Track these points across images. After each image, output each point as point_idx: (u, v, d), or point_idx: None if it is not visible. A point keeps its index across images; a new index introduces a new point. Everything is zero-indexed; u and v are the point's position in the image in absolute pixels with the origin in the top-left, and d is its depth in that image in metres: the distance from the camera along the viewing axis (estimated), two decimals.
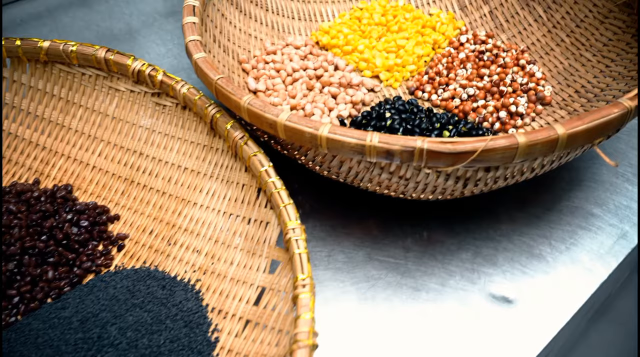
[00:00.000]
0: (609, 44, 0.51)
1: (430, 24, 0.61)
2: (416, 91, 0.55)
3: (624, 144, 0.51)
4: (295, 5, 0.61)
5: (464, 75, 0.55)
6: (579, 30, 0.54)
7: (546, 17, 0.58)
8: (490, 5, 0.62)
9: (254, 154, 0.38)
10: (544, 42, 0.57)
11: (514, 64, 0.55)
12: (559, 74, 0.54)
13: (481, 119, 0.51)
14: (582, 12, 0.54)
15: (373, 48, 0.58)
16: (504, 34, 0.60)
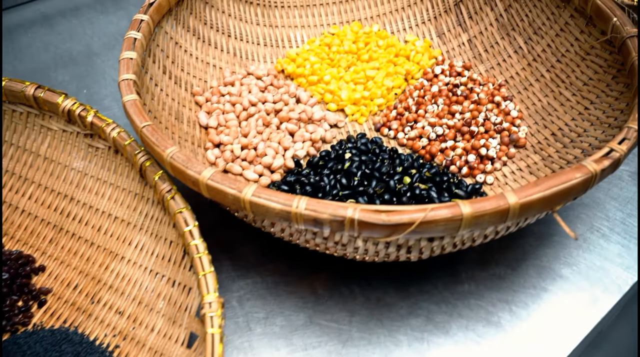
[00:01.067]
0: (589, 84, 0.47)
1: (404, 52, 0.57)
2: (382, 128, 0.51)
3: (603, 193, 0.47)
4: (262, 31, 0.58)
5: (434, 111, 0.51)
6: (559, 66, 0.50)
7: (527, 49, 0.54)
8: (469, 33, 0.58)
9: (180, 210, 0.35)
10: (523, 76, 0.53)
11: (488, 101, 0.51)
12: (537, 112, 0.50)
13: (448, 162, 0.47)
14: (564, 46, 0.50)
15: (340, 78, 0.55)
16: (482, 65, 0.56)
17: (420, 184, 0.44)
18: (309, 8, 0.60)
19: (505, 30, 0.56)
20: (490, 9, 0.57)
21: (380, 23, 0.61)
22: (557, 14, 0.51)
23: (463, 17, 0.59)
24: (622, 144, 0.34)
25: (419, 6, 0.60)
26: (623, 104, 0.42)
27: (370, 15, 0.61)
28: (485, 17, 0.57)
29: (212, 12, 0.54)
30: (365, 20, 0.61)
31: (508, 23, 0.56)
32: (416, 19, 0.60)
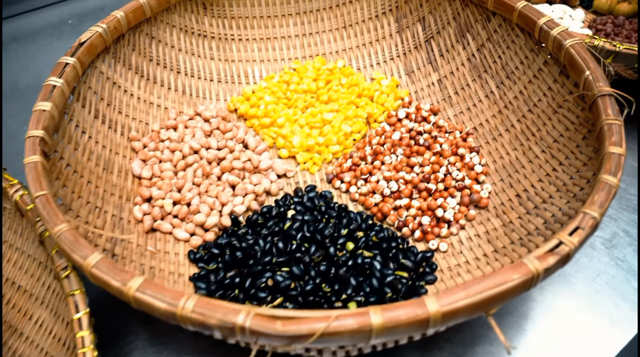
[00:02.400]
0: (559, 141, 0.42)
1: (368, 93, 0.53)
2: (334, 180, 0.47)
3: (569, 265, 0.42)
4: (216, 66, 0.54)
5: (392, 163, 0.47)
6: (530, 117, 0.46)
7: (498, 94, 0.49)
8: (439, 72, 0.54)
9: (71, 293, 0.31)
10: (493, 124, 0.49)
11: (452, 153, 0.47)
12: (504, 167, 0.45)
13: (401, 224, 0.43)
14: (536, 95, 0.46)
15: (295, 121, 0.51)
16: (451, 109, 0.52)
17: (364, 251, 0.40)
18: (269, 41, 0.56)
19: (477, 71, 0.51)
20: (462, 48, 0.52)
21: (346, 58, 0.56)
22: (530, 59, 0.46)
23: (434, 55, 0.54)
24: (573, 235, 0.29)
25: (387, 41, 0.56)
26: (590, 173, 0.37)
27: (335, 49, 0.57)
28: (457, 56, 0.53)
29: (158, 48, 0.51)
30: (330, 54, 0.56)
31: (480, 64, 0.51)
32: (384, 54, 0.56)
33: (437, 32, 0.54)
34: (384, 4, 0.55)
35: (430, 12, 0.54)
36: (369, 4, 0.56)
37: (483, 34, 0.51)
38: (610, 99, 0.37)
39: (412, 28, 0.55)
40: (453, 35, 0.53)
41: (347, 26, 0.56)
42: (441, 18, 0.53)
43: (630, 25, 0.62)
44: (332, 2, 0.56)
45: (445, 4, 0.53)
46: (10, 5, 0.70)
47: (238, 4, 0.54)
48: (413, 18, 0.55)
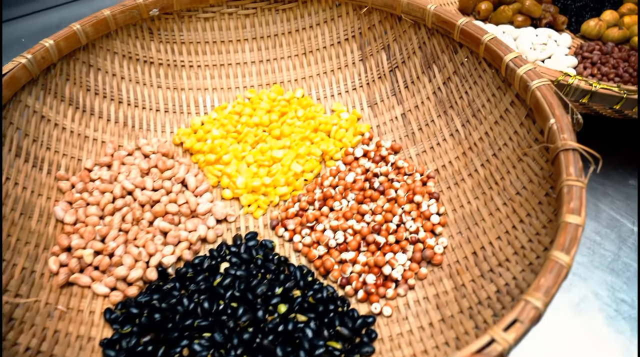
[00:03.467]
0: (522, 194, 0.38)
1: (325, 127, 0.49)
2: (277, 227, 0.43)
3: None
4: (163, 94, 0.50)
5: (342, 209, 0.43)
6: (495, 162, 0.41)
7: (464, 133, 0.45)
8: (404, 106, 0.49)
9: None
10: (456, 167, 0.44)
11: (407, 200, 0.42)
12: (463, 218, 0.41)
13: (344, 281, 0.39)
14: (502, 138, 0.41)
15: (243, 159, 0.47)
16: (414, 147, 0.48)
17: (298, 315, 0.36)
18: (222, 68, 0.52)
19: (443, 107, 0.47)
20: (428, 80, 0.48)
21: (306, 87, 0.52)
22: (497, 97, 0.42)
23: (399, 86, 0.50)
24: (510, 330, 0.25)
25: (350, 70, 0.52)
26: (547, 239, 0.33)
27: (294, 77, 0.53)
28: (422, 89, 0.49)
29: (97, 76, 0.47)
30: (289, 83, 0.52)
31: (446, 99, 0.47)
32: (347, 84, 0.52)
33: (402, 62, 0.50)
34: (347, 29, 0.51)
35: (395, 40, 0.50)
36: (331, 29, 0.52)
37: (450, 66, 0.46)
38: (575, 154, 0.33)
39: (376, 56, 0.51)
40: (419, 66, 0.49)
41: (308, 52, 0.52)
42: (406, 47, 0.49)
43: (620, 53, 0.57)
44: (291, 27, 0.52)
45: (410, 32, 0.48)
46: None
47: (189, 28, 0.50)
48: (377, 46, 0.51)
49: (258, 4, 0.51)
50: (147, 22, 0.48)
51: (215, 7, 0.50)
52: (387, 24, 0.49)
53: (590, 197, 0.46)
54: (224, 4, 0.50)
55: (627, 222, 0.44)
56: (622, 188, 0.47)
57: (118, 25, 0.46)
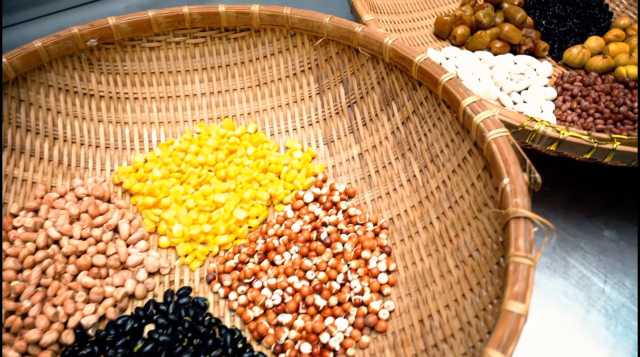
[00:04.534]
0: (474, 257, 0.34)
1: (276, 168, 0.45)
2: (213, 282, 0.40)
3: None
4: (104, 129, 0.47)
5: (284, 263, 0.39)
6: (451, 216, 0.38)
7: (422, 180, 0.41)
8: (361, 145, 0.46)
9: None
10: (412, 218, 0.41)
11: (355, 255, 0.39)
12: (414, 279, 0.38)
13: (278, 348, 0.35)
14: (459, 190, 0.38)
15: (183, 203, 0.43)
16: (369, 191, 0.44)
17: None
18: (170, 100, 0.48)
19: (401, 149, 0.43)
20: (386, 119, 0.45)
21: (259, 121, 0.49)
22: (456, 143, 0.38)
23: (357, 123, 0.46)
24: None
25: (307, 103, 0.48)
26: (492, 321, 0.29)
27: (247, 110, 0.49)
28: (380, 128, 0.45)
29: (30, 112, 0.44)
30: (242, 116, 0.49)
31: (405, 140, 0.43)
32: (302, 119, 0.48)
33: (360, 97, 0.46)
34: (303, 61, 0.48)
35: (353, 74, 0.46)
36: (286, 60, 0.48)
37: (409, 105, 0.43)
38: (527, 223, 0.29)
39: (333, 90, 0.47)
40: (377, 103, 0.45)
41: (262, 84, 0.49)
42: (365, 82, 0.45)
43: (603, 85, 0.53)
44: (244, 57, 0.48)
45: (368, 66, 0.45)
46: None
47: (133, 58, 0.47)
48: (335, 79, 0.47)
49: (207, 33, 0.47)
50: (86, 53, 0.45)
51: (161, 36, 0.46)
52: (345, 56, 0.46)
53: (560, 250, 0.42)
54: (170, 33, 0.46)
55: (597, 280, 0.40)
56: (595, 240, 0.43)
57: (52, 57, 0.43)
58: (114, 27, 0.44)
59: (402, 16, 0.60)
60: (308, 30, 0.45)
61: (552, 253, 0.42)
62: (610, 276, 0.41)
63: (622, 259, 0.42)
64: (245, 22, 0.46)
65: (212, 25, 0.46)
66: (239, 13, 0.45)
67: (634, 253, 0.42)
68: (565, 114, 0.52)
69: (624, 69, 0.55)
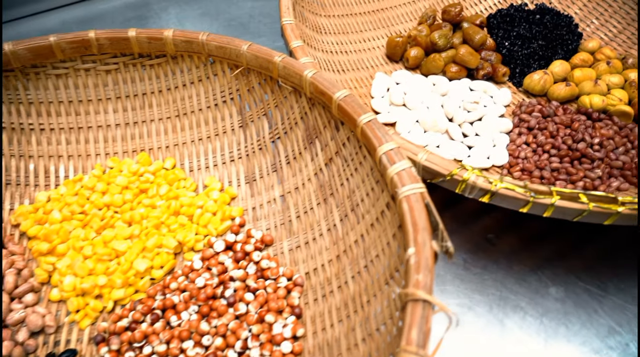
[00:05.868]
0: (381, 332, 0.30)
1: (188, 210, 0.41)
2: (101, 344, 0.35)
3: None
4: (5, 162, 0.43)
5: (181, 324, 0.35)
6: (366, 278, 0.33)
7: (342, 231, 0.37)
8: (284, 186, 0.41)
9: None
10: (329, 274, 0.36)
11: (258, 318, 0.34)
12: (321, 347, 0.33)
13: None
14: (376, 248, 0.33)
15: (81, 249, 0.39)
16: (288, 239, 0.40)
17: None
18: (81, 131, 0.44)
19: (324, 193, 0.39)
20: (310, 158, 0.40)
21: (178, 156, 0.44)
22: (376, 194, 0.34)
23: (280, 161, 0.42)
24: None
25: (229, 137, 0.44)
26: None
27: (165, 143, 0.45)
28: (304, 168, 0.41)
29: None
30: (159, 150, 0.45)
31: (327, 184, 0.39)
32: (224, 154, 0.44)
33: (284, 133, 0.42)
34: (224, 90, 0.43)
35: (276, 107, 0.42)
36: (207, 89, 0.44)
37: (332, 145, 0.38)
38: (425, 309, 0.25)
39: (257, 123, 0.43)
40: (301, 140, 0.41)
41: (181, 115, 0.45)
42: (288, 116, 0.41)
43: (563, 116, 0.48)
44: (161, 85, 0.44)
45: (292, 99, 0.40)
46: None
47: (37, 86, 0.42)
48: (258, 111, 0.43)
49: (120, 59, 0.43)
50: None
51: (68, 62, 0.42)
52: (267, 87, 0.41)
53: (498, 311, 0.38)
54: (78, 59, 0.42)
55: (536, 346, 0.36)
56: (539, 299, 0.38)
57: None
58: (11, 54, 0.40)
59: (352, 36, 0.55)
60: (227, 58, 0.41)
61: (488, 314, 0.38)
62: (551, 342, 0.36)
63: (567, 323, 0.37)
64: (158, 48, 0.42)
65: (123, 51, 0.42)
66: (151, 38, 0.41)
67: (580, 316, 0.37)
68: (519, 149, 0.47)
69: (588, 99, 0.50)
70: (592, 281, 0.39)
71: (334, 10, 0.55)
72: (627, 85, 0.51)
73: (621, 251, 0.41)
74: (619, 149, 0.46)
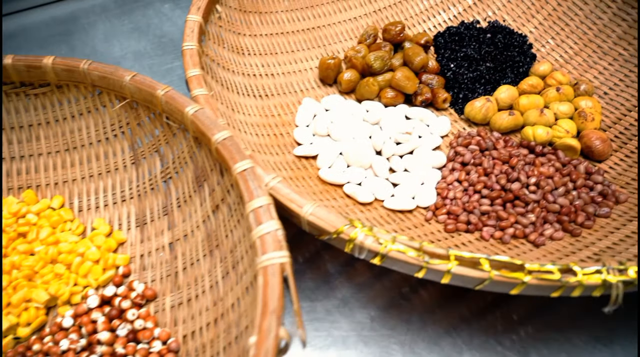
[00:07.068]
0: None
1: (67, 258, 0.37)
2: None
3: None
4: None
5: None
6: (231, 353, 0.29)
7: (218, 293, 0.33)
8: (174, 232, 0.37)
9: None
10: (205, 339, 0.32)
11: None
12: None
13: None
14: (245, 318, 0.29)
15: None
16: (172, 295, 0.35)
17: None
18: None
19: (210, 244, 0.35)
20: (199, 203, 0.36)
21: (67, 194, 0.40)
22: (250, 256, 0.30)
23: (171, 204, 0.38)
24: None
25: (121, 175, 0.40)
26: None
27: (55, 180, 0.41)
28: (194, 213, 0.36)
29: None
30: (47, 187, 0.41)
31: (214, 233, 0.35)
32: (115, 193, 0.40)
33: (175, 172, 0.38)
34: (114, 124, 0.39)
35: (167, 143, 0.38)
36: (97, 121, 0.40)
37: (218, 190, 0.34)
38: None
39: (149, 160, 0.39)
40: (191, 182, 0.37)
41: (71, 149, 0.40)
42: (179, 155, 0.37)
43: (504, 149, 0.44)
44: (48, 116, 0.40)
45: (180, 136, 0.36)
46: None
47: None
48: (150, 148, 0.39)
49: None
50: None
51: None
52: (157, 121, 0.37)
53: None
54: None
55: None
56: None
57: None
58: None
59: (281, 57, 0.51)
60: (112, 89, 0.37)
61: None
62: None
63: None
64: (39, 76, 0.38)
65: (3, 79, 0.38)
66: (29, 67, 0.37)
67: None
68: (450, 187, 0.43)
69: (531, 130, 0.45)
70: (513, 346, 0.35)
71: (262, 29, 0.51)
72: (576, 115, 0.46)
73: (550, 308, 0.37)
74: (559, 190, 0.41)
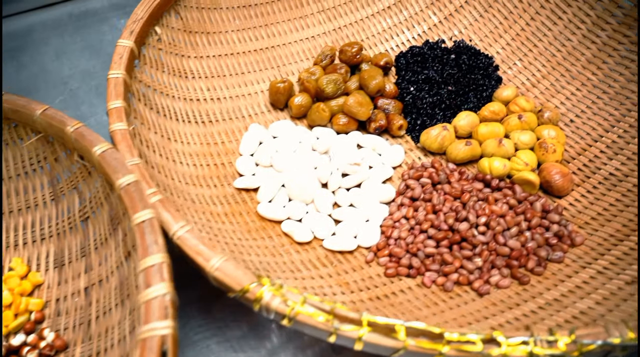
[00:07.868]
0: None
1: None
2: None
3: None
4: None
5: None
6: None
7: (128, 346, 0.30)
8: (90, 276, 0.35)
9: None
10: None
11: None
12: None
13: None
14: None
15: None
16: (82, 346, 0.33)
17: None
18: None
19: (122, 293, 0.32)
20: (114, 246, 0.34)
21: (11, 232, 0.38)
22: None
23: (89, 246, 0.36)
24: None
25: (41, 211, 0.38)
26: None
27: None
28: (109, 257, 0.34)
29: None
30: None
31: (125, 281, 0.32)
32: (35, 231, 0.38)
33: (92, 212, 0.35)
34: (32, 157, 0.37)
35: (84, 181, 0.35)
36: (15, 155, 0.37)
37: (130, 235, 0.32)
38: None
39: (68, 197, 0.37)
40: (108, 223, 0.34)
41: None
42: (95, 194, 0.35)
43: (457, 183, 0.41)
44: None
45: (95, 175, 0.34)
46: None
47: None
48: (69, 184, 0.36)
49: None
50: None
51: None
52: (73, 157, 0.35)
53: None
54: None
55: None
56: None
57: None
58: None
59: (229, 80, 0.48)
60: (25, 122, 0.35)
61: None
62: None
63: None
64: None
65: None
66: None
67: None
68: (396, 226, 0.40)
69: (488, 162, 0.42)
70: None
71: (209, 50, 0.48)
72: (537, 145, 0.43)
73: None
74: (511, 230, 0.38)
